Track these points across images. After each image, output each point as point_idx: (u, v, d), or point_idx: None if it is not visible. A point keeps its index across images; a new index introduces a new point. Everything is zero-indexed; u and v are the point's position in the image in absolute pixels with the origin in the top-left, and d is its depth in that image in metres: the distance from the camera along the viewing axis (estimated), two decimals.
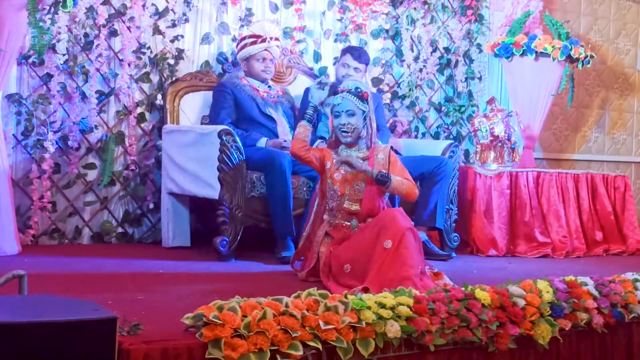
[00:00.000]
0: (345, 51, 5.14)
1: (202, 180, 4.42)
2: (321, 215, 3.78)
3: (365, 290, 3.11)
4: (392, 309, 2.65)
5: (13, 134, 4.63)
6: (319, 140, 4.79)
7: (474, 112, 6.10)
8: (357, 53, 5.06)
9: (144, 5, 4.95)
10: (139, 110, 4.99)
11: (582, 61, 5.82)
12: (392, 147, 3.87)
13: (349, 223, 3.67)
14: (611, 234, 5.64)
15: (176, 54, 5.08)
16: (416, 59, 5.94)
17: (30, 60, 4.62)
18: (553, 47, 5.65)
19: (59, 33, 4.60)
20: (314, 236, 3.76)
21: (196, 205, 4.82)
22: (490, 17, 6.23)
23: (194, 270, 4.01)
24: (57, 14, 4.47)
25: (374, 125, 3.78)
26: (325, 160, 3.74)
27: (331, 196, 3.71)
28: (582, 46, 5.79)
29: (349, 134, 3.69)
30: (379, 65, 5.79)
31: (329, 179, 3.71)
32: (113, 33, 4.91)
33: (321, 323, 2.47)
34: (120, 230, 4.98)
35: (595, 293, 3.22)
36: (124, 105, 4.95)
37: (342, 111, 3.68)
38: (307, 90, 5.13)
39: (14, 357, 1.93)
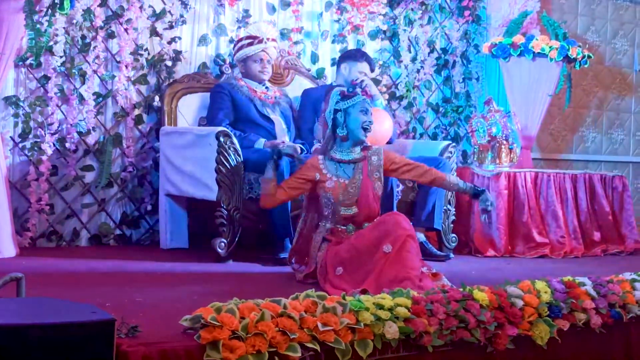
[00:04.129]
0: (359, 58, 5.06)
1: (200, 181, 4.42)
2: (313, 219, 3.78)
3: (364, 292, 3.11)
4: (390, 310, 2.65)
5: (10, 136, 4.63)
6: (316, 144, 4.78)
7: (471, 112, 6.11)
8: (372, 62, 5.12)
9: (141, 7, 4.95)
10: (137, 112, 4.99)
11: (580, 61, 5.82)
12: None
13: (344, 227, 3.68)
14: (609, 234, 5.64)
15: (173, 55, 5.08)
16: (414, 59, 5.95)
17: (27, 63, 4.62)
18: (550, 47, 5.65)
19: (56, 35, 4.60)
20: (309, 233, 3.75)
21: (194, 206, 4.81)
22: (487, 17, 6.23)
23: (192, 271, 4.01)
24: (54, 16, 4.47)
25: None
26: (313, 174, 3.71)
27: (325, 204, 3.70)
28: (579, 46, 5.80)
29: (369, 132, 3.74)
30: (376, 66, 5.79)
31: (321, 189, 3.70)
32: (110, 35, 4.91)
33: (319, 324, 2.47)
34: (118, 232, 4.98)
35: (594, 293, 3.22)
36: (122, 107, 4.94)
37: (368, 110, 3.73)
38: (304, 92, 5.13)
39: (12, 359, 1.93)
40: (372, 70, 5.12)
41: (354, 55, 5.17)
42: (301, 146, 4.73)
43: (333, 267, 3.52)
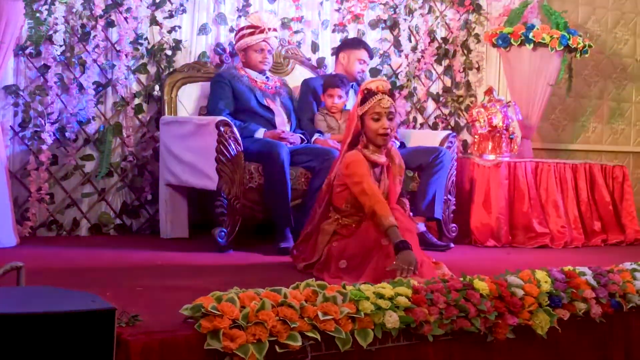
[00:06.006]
0: (357, 46, 5.10)
1: (200, 171, 4.41)
2: (324, 209, 3.71)
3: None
4: (391, 299, 2.65)
5: (10, 126, 4.62)
6: (317, 135, 4.77)
7: (472, 102, 6.10)
8: (370, 50, 5.15)
9: None
10: (137, 101, 4.98)
11: (581, 51, 5.81)
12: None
13: (357, 222, 3.63)
14: (609, 224, 5.64)
15: (173, 44, 5.06)
16: (414, 49, 5.93)
17: (27, 52, 4.61)
18: (551, 37, 5.63)
19: (56, 24, 4.58)
20: (319, 223, 3.69)
21: (194, 196, 4.82)
22: (488, 7, 6.22)
23: (192, 261, 4.01)
24: (54, 4, 4.47)
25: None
26: None
27: (349, 199, 3.58)
28: (580, 36, 5.78)
29: (388, 137, 3.56)
30: (377, 56, 5.78)
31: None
32: (110, 24, 4.89)
33: (320, 314, 2.47)
34: (118, 221, 4.98)
35: (594, 283, 3.22)
36: (122, 96, 4.93)
37: (385, 114, 3.51)
38: (304, 82, 5.12)
39: (12, 348, 1.93)
40: (371, 58, 5.12)
41: (352, 43, 5.19)
42: (301, 136, 4.73)
43: (337, 260, 3.49)
